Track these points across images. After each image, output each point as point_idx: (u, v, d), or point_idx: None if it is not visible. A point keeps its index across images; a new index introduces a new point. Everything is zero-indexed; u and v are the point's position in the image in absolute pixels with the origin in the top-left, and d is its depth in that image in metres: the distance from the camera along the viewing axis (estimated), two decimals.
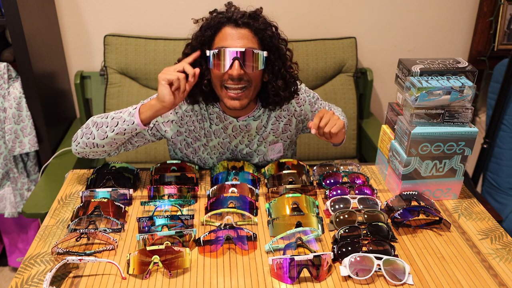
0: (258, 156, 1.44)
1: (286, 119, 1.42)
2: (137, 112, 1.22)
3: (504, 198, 2.02)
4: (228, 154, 1.43)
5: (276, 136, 1.43)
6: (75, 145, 1.31)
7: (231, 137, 1.40)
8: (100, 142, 1.26)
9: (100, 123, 1.26)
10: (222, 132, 1.38)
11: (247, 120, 1.37)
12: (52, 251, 1.05)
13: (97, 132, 1.25)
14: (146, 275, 1.00)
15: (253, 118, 1.37)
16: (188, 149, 1.42)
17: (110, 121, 1.24)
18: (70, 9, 2.05)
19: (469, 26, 2.28)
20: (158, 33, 2.09)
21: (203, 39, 1.23)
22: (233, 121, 1.36)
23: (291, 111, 1.41)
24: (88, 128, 1.27)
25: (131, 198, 1.27)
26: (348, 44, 2.13)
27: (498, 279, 1.02)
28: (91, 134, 1.26)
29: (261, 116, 1.38)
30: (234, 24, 1.21)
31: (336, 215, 1.17)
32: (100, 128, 1.25)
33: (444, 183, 1.29)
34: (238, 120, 1.36)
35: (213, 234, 1.08)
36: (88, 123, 1.29)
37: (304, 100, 1.44)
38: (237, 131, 1.38)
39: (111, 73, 2.03)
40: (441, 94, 1.17)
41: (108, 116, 1.26)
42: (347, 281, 1.00)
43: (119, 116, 1.24)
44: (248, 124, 1.37)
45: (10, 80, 1.78)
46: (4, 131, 1.81)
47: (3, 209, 1.95)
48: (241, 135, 1.39)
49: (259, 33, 1.22)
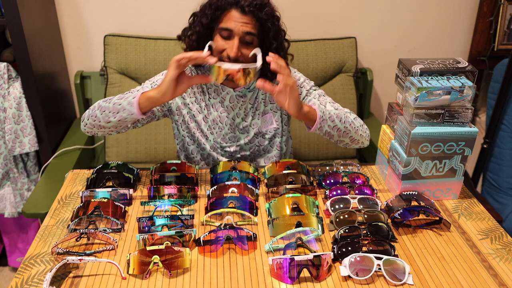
0: (253, 129, 1.50)
1: None
2: (136, 102, 1.25)
3: (504, 198, 2.02)
4: (226, 130, 1.49)
5: (265, 105, 1.50)
6: (83, 125, 1.38)
7: (228, 110, 1.46)
8: (105, 125, 1.32)
9: (104, 107, 1.31)
10: (219, 106, 1.47)
11: (243, 91, 1.46)
12: (52, 251, 1.05)
13: (101, 115, 1.31)
14: (146, 275, 1.00)
15: (248, 89, 1.47)
16: (191, 123, 1.49)
17: (112, 106, 1.29)
18: (70, 9, 2.05)
19: (469, 26, 2.28)
20: (158, 33, 2.09)
21: (213, 17, 1.33)
22: (230, 91, 1.45)
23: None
24: (94, 111, 1.33)
25: (131, 198, 1.27)
26: (348, 44, 2.13)
27: (498, 279, 1.02)
28: (97, 117, 1.32)
29: (255, 87, 1.46)
30: (241, 10, 1.29)
31: (336, 215, 1.17)
32: (103, 112, 1.31)
33: (444, 183, 1.29)
34: (235, 90, 1.45)
35: (213, 234, 1.08)
36: (94, 106, 1.35)
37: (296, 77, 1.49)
38: (234, 102, 1.46)
39: (111, 73, 2.03)
40: (441, 94, 1.17)
41: (111, 101, 1.31)
42: (347, 281, 1.00)
43: (119, 102, 1.28)
44: (243, 95, 1.47)
45: (10, 80, 1.78)
46: (4, 131, 1.81)
47: (3, 209, 1.95)
48: (237, 107, 1.47)
49: (261, 22, 1.33)
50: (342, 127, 1.35)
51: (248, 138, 1.50)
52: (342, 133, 1.37)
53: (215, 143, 1.50)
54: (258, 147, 1.53)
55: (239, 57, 1.31)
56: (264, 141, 1.53)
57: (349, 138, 1.39)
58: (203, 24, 1.34)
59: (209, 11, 1.33)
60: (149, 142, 2.02)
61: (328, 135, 1.36)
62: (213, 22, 1.34)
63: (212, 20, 1.33)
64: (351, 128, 1.38)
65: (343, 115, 1.37)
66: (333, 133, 1.35)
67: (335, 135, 1.36)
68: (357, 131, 1.40)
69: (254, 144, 1.52)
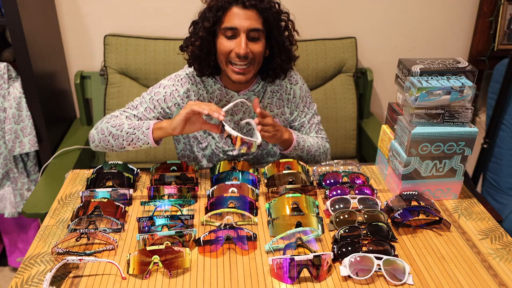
0: None
1: (279, 94, 1.49)
2: (150, 133, 1.31)
3: (504, 198, 2.02)
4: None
5: (271, 110, 1.49)
6: (94, 146, 1.42)
7: (232, 114, 1.46)
8: (118, 149, 1.38)
9: (116, 135, 1.35)
10: None
11: (247, 94, 1.44)
12: (52, 251, 1.05)
13: (114, 142, 1.36)
14: (146, 275, 1.00)
15: (253, 92, 1.45)
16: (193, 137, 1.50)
17: (125, 135, 1.33)
18: (70, 9, 2.05)
19: (469, 26, 2.28)
20: (158, 33, 2.09)
21: (215, 19, 1.32)
22: (235, 95, 1.44)
23: (283, 86, 1.49)
24: (105, 136, 1.37)
25: (131, 198, 1.27)
26: (348, 44, 2.13)
27: (498, 279, 1.02)
28: (109, 143, 1.37)
29: (260, 91, 1.46)
30: (242, 6, 1.29)
31: (336, 215, 1.17)
32: (117, 139, 1.35)
33: (444, 183, 1.29)
34: (239, 94, 1.43)
35: (213, 234, 1.08)
36: (103, 130, 1.37)
37: (296, 81, 1.52)
38: (238, 106, 1.44)
39: (111, 73, 2.03)
40: (441, 94, 1.17)
41: (123, 130, 1.34)
42: (347, 281, 1.00)
43: (133, 132, 1.32)
44: (248, 98, 1.45)
45: (10, 80, 1.78)
46: (4, 131, 1.81)
47: (3, 209, 1.95)
48: (241, 111, 1.45)
49: (264, 13, 1.32)
50: (310, 156, 1.51)
51: None
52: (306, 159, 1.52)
53: (217, 148, 1.50)
54: (261, 151, 1.53)
55: (248, 53, 1.30)
56: (268, 145, 1.53)
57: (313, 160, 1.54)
58: (205, 28, 1.32)
59: (210, 14, 1.31)
60: None
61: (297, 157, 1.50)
62: (215, 24, 1.32)
63: (214, 23, 1.32)
64: (317, 153, 1.53)
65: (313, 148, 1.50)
66: (302, 157, 1.50)
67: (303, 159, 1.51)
68: (320, 155, 1.55)
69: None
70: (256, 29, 1.30)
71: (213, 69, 1.39)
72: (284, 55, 1.39)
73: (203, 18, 1.34)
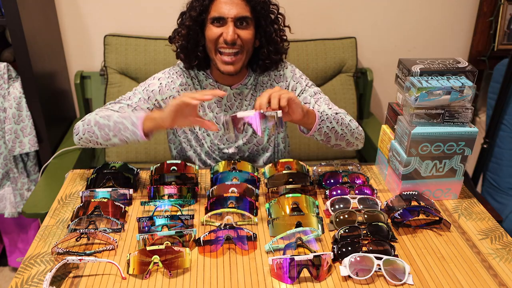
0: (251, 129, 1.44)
1: (268, 85, 1.46)
2: (140, 125, 1.21)
3: (504, 198, 2.02)
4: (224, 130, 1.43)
5: None
6: (78, 139, 1.33)
7: (226, 109, 1.45)
8: (103, 142, 1.29)
9: (102, 124, 1.26)
10: (216, 107, 1.44)
11: (240, 88, 1.44)
12: (52, 251, 1.05)
13: (100, 133, 1.27)
14: (146, 275, 1.00)
15: (245, 86, 1.44)
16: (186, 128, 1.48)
17: (112, 125, 1.25)
18: (70, 9, 2.05)
19: (469, 26, 2.28)
20: (158, 33, 2.09)
21: (202, 8, 1.30)
22: (227, 89, 1.42)
23: (271, 76, 1.46)
24: (91, 127, 1.28)
25: (131, 198, 1.27)
26: (348, 44, 2.13)
27: (498, 279, 1.02)
28: (94, 134, 1.28)
29: (252, 83, 1.45)
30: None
31: (336, 215, 1.17)
32: (102, 130, 1.26)
33: (444, 183, 1.29)
34: (232, 88, 1.43)
35: (213, 234, 1.08)
36: (90, 120, 1.29)
37: (285, 66, 1.47)
38: (231, 100, 1.44)
39: (111, 73, 2.03)
40: (441, 94, 1.17)
41: (110, 119, 1.25)
42: (347, 281, 1.00)
43: (121, 121, 1.23)
44: (241, 92, 1.44)
45: (10, 80, 1.78)
46: (4, 131, 1.81)
47: (3, 209, 1.95)
48: (235, 105, 1.45)
49: (251, 1, 1.30)
50: (339, 129, 1.31)
51: (246, 137, 1.50)
52: (339, 136, 1.33)
53: (212, 145, 1.49)
54: (256, 146, 1.53)
55: (236, 40, 1.29)
56: (262, 140, 1.53)
57: (346, 141, 1.36)
58: (192, 18, 1.31)
59: (196, 3, 1.31)
60: (149, 142, 2.02)
61: (326, 138, 1.31)
62: (202, 14, 1.31)
63: (201, 12, 1.31)
64: (347, 130, 1.34)
65: (340, 116, 1.33)
66: (331, 135, 1.31)
67: (333, 138, 1.32)
68: (353, 133, 1.36)
69: (252, 144, 1.51)
70: (244, 17, 1.29)
71: (202, 61, 1.38)
72: (272, 46, 1.37)
73: (190, 8, 1.33)
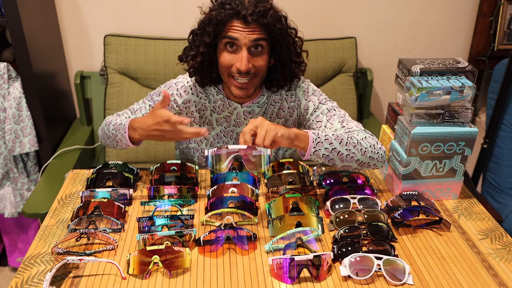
0: None
1: (279, 104, 1.42)
2: (127, 135, 1.28)
3: (504, 198, 2.02)
4: (231, 144, 1.44)
5: (272, 120, 1.43)
6: (104, 143, 1.45)
7: (234, 125, 1.42)
8: (119, 148, 1.38)
9: (107, 135, 1.37)
10: (224, 121, 1.41)
11: (251, 106, 1.40)
12: (52, 251, 1.05)
13: (109, 141, 1.38)
14: (146, 275, 1.00)
15: (257, 104, 1.40)
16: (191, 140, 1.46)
17: (112, 135, 1.34)
18: (70, 9, 2.05)
19: (469, 26, 2.28)
20: (158, 33, 2.09)
21: (216, 33, 1.25)
22: (238, 107, 1.39)
23: (282, 96, 1.42)
24: (103, 135, 1.41)
25: (131, 198, 1.27)
26: (348, 44, 2.13)
27: (498, 279, 1.02)
28: (106, 143, 1.41)
29: (264, 102, 1.41)
30: (244, 20, 1.21)
31: (336, 215, 1.17)
32: (108, 138, 1.37)
33: (444, 183, 1.29)
34: (243, 106, 1.39)
35: (213, 234, 1.08)
36: (103, 128, 1.41)
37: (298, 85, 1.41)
38: (241, 118, 1.41)
39: (111, 73, 2.03)
40: (441, 94, 1.17)
41: (110, 129, 1.35)
42: (347, 281, 1.00)
43: (118, 128, 1.31)
44: (252, 110, 1.40)
45: (10, 80, 1.78)
46: (4, 131, 1.81)
47: (3, 209, 1.95)
48: (245, 123, 1.41)
49: (268, 28, 1.24)
50: (344, 150, 1.19)
51: None
52: (346, 157, 1.20)
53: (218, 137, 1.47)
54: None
55: (250, 69, 1.24)
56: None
57: (356, 162, 1.22)
58: (206, 44, 1.26)
59: (209, 28, 1.25)
60: (149, 142, 2.02)
61: (328, 161, 1.20)
62: (215, 38, 1.27)
63: (214, 37, 1.26)
64: (356, 150, 1.20)
65: (348, 136, 1.22)
66: (333, 157, 1.19)
67: (337, 160, 1.20)
68: (365, 153, 1.22)
69: None
70: (258, 43, 1.23)
71: (215, 79, 1.36)
72: (286, 71, 1.33)
73: (202, 31, 1.27)
